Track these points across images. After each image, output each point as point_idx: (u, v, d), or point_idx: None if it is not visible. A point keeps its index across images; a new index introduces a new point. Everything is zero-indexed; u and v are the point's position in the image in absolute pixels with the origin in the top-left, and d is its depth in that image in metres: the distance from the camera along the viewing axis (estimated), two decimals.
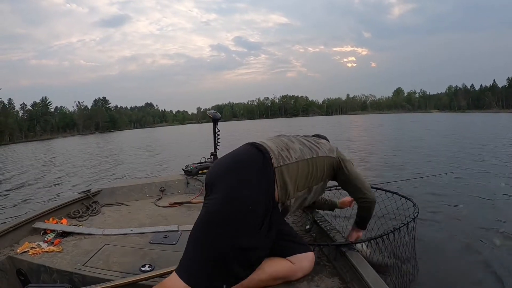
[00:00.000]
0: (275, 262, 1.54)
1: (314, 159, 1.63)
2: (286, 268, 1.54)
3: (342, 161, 1.76)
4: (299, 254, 1.58)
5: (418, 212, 2.07)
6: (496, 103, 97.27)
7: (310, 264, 1.60)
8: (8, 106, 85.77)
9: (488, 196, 4.73)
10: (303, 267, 1.58)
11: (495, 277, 2.52)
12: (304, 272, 1.58)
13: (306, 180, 1.59)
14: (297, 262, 1.56)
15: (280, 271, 1.53)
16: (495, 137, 14.01)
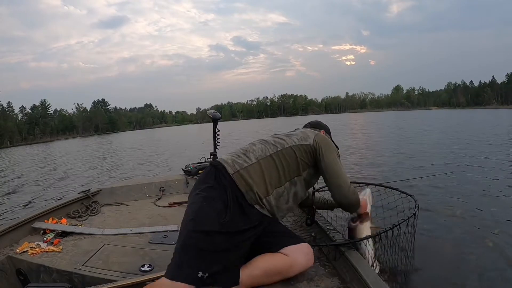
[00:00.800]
0: (267, 256, 1.50)
1: (280, 151, 1.64)
2: (280, 260, 1.49)
3: (318, 148, 1.70)
4: (291, 245, 1.54)
5: (418, 207, 2.04)
6: (495, 99, 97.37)
7: (305, 256, 1.54)
8: (7, 109, 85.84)
9: (488, 196, 4.74)
10: (297, 259, 1.51)
11: (495, 276, 2.52)
12: (300, 265, 1.52)
13: (279, 174, 1.60)
14: (290, 254, 1.51)
15: (274, 265, 1.48)
16: (495, 134, 14.01)
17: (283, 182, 1.61)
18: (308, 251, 1.57)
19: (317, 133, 1.79)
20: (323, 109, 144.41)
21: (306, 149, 1.69)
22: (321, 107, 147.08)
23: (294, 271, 1.51)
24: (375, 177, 6.46)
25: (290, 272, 1.51)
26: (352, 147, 12.50)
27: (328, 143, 1.76)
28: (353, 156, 10.06)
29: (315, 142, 1.71)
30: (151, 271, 1.70)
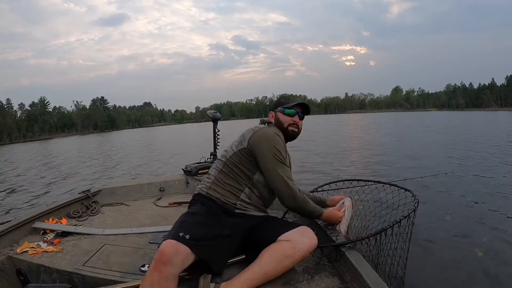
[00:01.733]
0: (270, 247, 1.52)
1: (226, 163, 1.77)
2: (283, 245, 1.51)
3: (252, 149, 1.71)
4: (289, 231, 1.56)
5: (418, 202, 1.99)
6: (494, 101, 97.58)
7: (306, 237, 1.55)
8: (6, 106, 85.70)
9: (488, 196, 4.76)
10: (299, 240, 1.52)
11: (494, 275, 2.54)
12: (303, 244, 1.52)
13: (235, 182, 1.74)
14: (291, 238, 1.53)
15: (279, 251, 1.50)
16: (494, 136, 14.04)
17: (242, 187, 1.74)
18: (308, 232, 1.58)
19: (256, 131, 1.76)
20: (322, 109, 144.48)
21: (244, 153, 1.73)
22: (321, 107, 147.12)
23: (300, 253, 1.52)
24: (374, 176, 6.48)
25: (297, 254, 1.51)
26: (352, 147, 12.55)
27: (262, 141, 1.71)
28: (354, 156, 10.09)
29: (249, 143, 1.72)
30: None
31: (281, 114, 1.89)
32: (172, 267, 1.34)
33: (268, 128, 1.81)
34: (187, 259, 1.39)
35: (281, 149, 1.71)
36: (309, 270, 1.67)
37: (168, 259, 1.33)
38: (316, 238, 1.58)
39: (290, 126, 1.86)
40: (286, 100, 1.93)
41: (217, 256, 1.52)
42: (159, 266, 1.33)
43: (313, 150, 11.90)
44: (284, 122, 1.86)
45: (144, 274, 1.65)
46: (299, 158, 9.61)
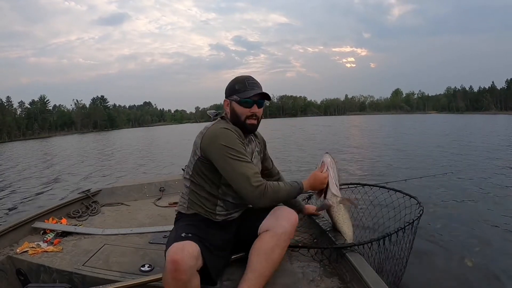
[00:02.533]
0: (253, 247, 1.49)
1: (191, 180, 1.67)
2: (264, 239, 1.47)
3: (206, 154, 1.55)
4: (265, 219, 1.53)
5: (422, 210, 1.98)
6: (494, 104, 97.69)
7: (282, 218, 1.50)
8: (6, 104, 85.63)
9: (488, 196, 4.78)
10: (278, 225, 1.48)
11: (495, 277, 2.55)
12: (284, 227, 1.48)
13: (207, 195, 1.62)
14: (269, 226, 1.49)
15: (262, 248, 1.46)
16: (493, 139, 14.05)
17: (216, 200, 1.62)
18: (282, 212, 1.54)
19: (204, 134, 1.57)
20: (322, 111, 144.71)
21: (201, 162, 1.59)
22: (320, 109, 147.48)
23: (283, 237, 1.48)
24: (375, 177, 6.49)
25: (281, 241, 1.47)
26: (353, 147, 12.56)
27: (211, 143, 1.53)
28: (354, 156, 10.09)
29: (201, 150, 1.56)
30: (151, 271, 1.69)
31: (236, 104, 1.61)
32: (189, 271, 1.25)
33: (215, 126, 1.59)
34: (198, 257, 1.31)
35: (233, 144, 1.50)
36: (309, 270, 1.68)
37: (182, 267, 1.23)
38: (294, 213, 1.54)
39: (248, 119, 1.61)
40: (242, 86, 1.61)
41: (215, 261, 1.45)
42: (176, 276, 1.24)
43: (314, 151, 11.91)
44: (241, 115, 1.61)
45: (144, 274, 1.66)
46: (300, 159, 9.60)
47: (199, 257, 1.31)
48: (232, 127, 1.59)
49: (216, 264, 1.46)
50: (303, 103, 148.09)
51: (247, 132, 1.67)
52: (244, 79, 1.64)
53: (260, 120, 1.68)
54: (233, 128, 1.59)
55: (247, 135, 1.69)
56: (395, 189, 2.32)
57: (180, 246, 1.27)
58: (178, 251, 1.25)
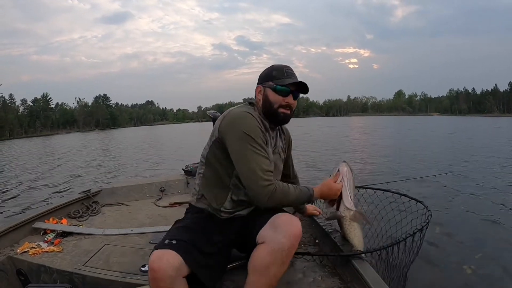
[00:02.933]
0: (250, 261, 1.34)
1: (205, 164, 1.55)
2: (260, 254, 1.30)
3: (223, 138, 1.44)
4: (263, 228, 1.34)
5: (431, 215, 1.89)
6: (497, 107, 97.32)
7: (280, 231, 1.29)
8: (9, 101, 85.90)
9: (487, 196, 4.78)
10: (274, 239, 1.28)
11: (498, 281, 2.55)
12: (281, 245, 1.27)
13: (219, 185, 1.52)
14: (266, 238, 1.31)
15: (258, 265, 1.30)
16: (495, 141, 14.02)
17: (228, 190, 1.51)
18: (283, 222, 1.31)
19: (225, 115, 1.48)
20: (324, 112, 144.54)
21: (217, 145, 1.48)
22: (323, 110, 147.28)
23: (281, 255, 1.28)
24: (375, 177, 6.49)
25: (278, 259, 1.28)
26: (354, 147, 12.54)
27: (229, 126, 1.43)
28: (355, 156, 10.08)
29: (219, 132, 1.45)
30: None
31: (271, 92, 1.50)
32: (168, 280, 1.20)
33: (238, 108, 1.50)
34: (180, 267, 1.24)
35: (253, 132, 1.39)
36: (310, 270, 1.67)
37: (161, 275, 1.19)
38: (297, 223, 1.32)
39: (281, 108, 1.50)
40: (280, 73, 1.51)
41: (207, 267, 1.35)
42: (155, 284, 1.21)
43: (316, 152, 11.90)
44: (274, 102, 1.49)
45: (144, 274, 1.66)
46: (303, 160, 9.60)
47: (182, 266, 1.24)
48: (257, 115, 1.50)
49: (207, 270, 1.34)
50: (306, 103, 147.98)
51: (278, 123, 1.57)
52: (282, 67, 1.54)
53: (293, 113, 1.56)
54: (258, 116, 1.50)
55: (275, 128, 1.61)
56: (400, 192, 2.25)
57: (159, 255, 1.23)
58: (156, 259, 1.22)
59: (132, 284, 1.60)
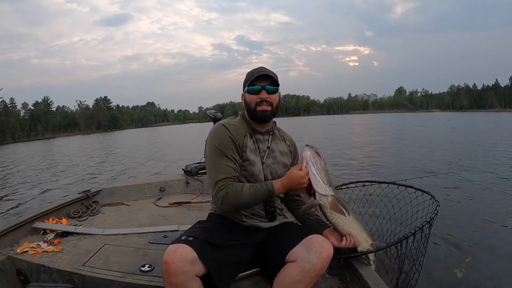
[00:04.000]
0: (278, 279, 1.34)
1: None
2: (289, 272, 1.31)
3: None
4: (295, 247, 1.35)
5: (439, 206, 1.80)
6: (498, 102, 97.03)
7: (314, 252, 1.29)
8: (10, 105, 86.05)
9: (487, 196, 4.75)
10: (307, 259, 1.29)
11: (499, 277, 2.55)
12: (313, 266, 1.28)
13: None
14: (297, 257, 1.31)
15: (290, 281, 1.30)
16: (498, 138, 13.98)
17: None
18: (316, 243, 1.32)
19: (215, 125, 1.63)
20: (325, 110, 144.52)
21: None
22: (323, 108, 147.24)
23: (310, 275, 1.29)
24: (375, 176, 6.47)
25: (306, 279, 1.29)
26: (355, 147, 12.52)
27: (207, 141, 1.58)
28: (356, 156, 10.06)
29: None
30: (151, 271, 1.69)
31: (247, 94, 1.58)
32: (181, 274, 1.22)
33: (223, 120, 1.66)
34: (194, 262, 1.26)
35: (218, 139, 1.50)
36: None
37: (174, 269, 1.21)
38: (330, 246, 1.34)
39: (258, 106, 1.55)
40: (250, 76, 1.58)
41: (221, 268, 1.36)
42: (167, 278, 1.23)
43: None
44: (251, 102, 1.56)
45: (144, 274, 1.66)
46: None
47: (196, 262, 1.26)
48: (236, 122, 1.60)
49: (221, 272, 1.35)
50: (306, 102, 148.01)
51: (260, 121, 1.60)
52: (253, 70, 1.61)
53: (275, 108, 1.60)
54: (236, 122, 1.59)
55: (266, 131, 1.65)
56: (405, 184, 2.19)
57: (173, 248, 1.26)
58: (170, 252, 1.24)
59: (132, 284, 1.60)
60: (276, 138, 1.68)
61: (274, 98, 1.58)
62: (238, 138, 1.54)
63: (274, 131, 1.69)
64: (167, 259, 1.23)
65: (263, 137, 1.63)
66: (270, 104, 1.57)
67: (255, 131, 1.61)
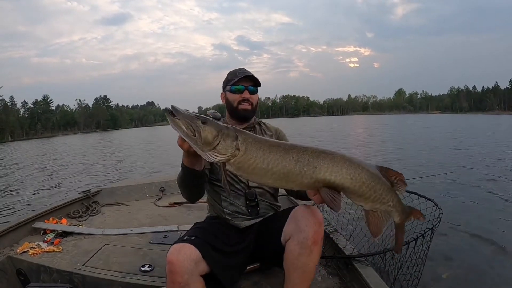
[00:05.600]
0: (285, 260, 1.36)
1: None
2: (290, 249, 1.33)
3: None
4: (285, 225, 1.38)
5: (441, 213, 1.82)
6: (498, 105, 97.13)
7: (302, 221, 1.32)
8: (10, 104, 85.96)
9: (488, 195, 4.77)
10: (299, 229, 1.31)
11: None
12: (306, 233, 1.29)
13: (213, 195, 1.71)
14: (290, 233, 1.34)
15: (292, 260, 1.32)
16: (497, 139, 14.00)
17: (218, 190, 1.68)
18: (300, 212, 1.35)
19: None
20: (325, 111, 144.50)
21: None
22: (323, 109, 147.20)
23: (309, 243, 1.29)
24: None
25: (306, 247, 1.29)
26: (356, 147, 12.53)
27: None
28: (357, 155, 10.08)
29: None
30: (151, 271, 1.70)
31: (229, 93, 1.66)
32: (185, 274, 1.23)
33: None
34: (198, 261, 1.27)
35: None
36: None
37: (178, 268, 1.22)
38: (316, 211, 1.35)
39: (240, 104, 1.63)
40: (233, 75, 1.66)
41: (224, 268, 1.38)
42: (171, 278, 1.23)
43: None
44: (233, 101, 1.64)
45: (144, 274, 1.66)
46: None
47: (199, 261, 1.28)
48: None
49: (224, 270, 1.37)
50: (306, 103, 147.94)
51: (241, 119, 1.68)
52: (235, 70, 1.69)
53: (255, 107, 1.68)
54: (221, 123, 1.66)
55: (242, 126, 1.65)
56: (409, 190, 2.13)
57: (177, 248, 1.27)
58: (174, 252, 1.25)
59: (132, 284, 1.60)
60: (257, 133, 1.71)
61: (254, 98, 1.67)
62: None
63: (255, 126, 1.74)
64: (171, 258, 1.23)
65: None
66: (250, 103, 1.65)
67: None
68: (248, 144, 1.07)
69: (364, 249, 1.84)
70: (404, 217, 1.16)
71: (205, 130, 1.07)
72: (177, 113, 1.11)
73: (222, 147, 1.06)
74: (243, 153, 1.07)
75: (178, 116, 1.11)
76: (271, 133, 1.75)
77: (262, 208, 1.61)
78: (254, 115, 1.72)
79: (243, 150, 1.07)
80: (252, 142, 1.08)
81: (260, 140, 1.10)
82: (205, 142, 1.06)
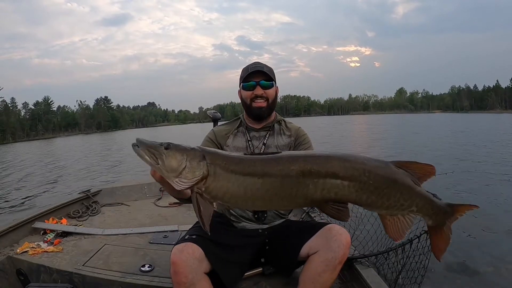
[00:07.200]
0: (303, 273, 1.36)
1: None
2: (314, 264, 1.32)
3: None
4: (310, 239, 1.38)
5: None
6: (499, 103, 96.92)
7: (334, 240, 1.31)
8: (11, 105, 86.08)
9: (488, 195, 4.75)
10: (328, 248, 1.30)
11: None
12: (335, 253, 1.29)
13: None
14: (318, 247, 1.34)
15: (313, 275, 1.32)
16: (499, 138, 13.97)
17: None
18: (333, 231, 1.34)
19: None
20: (325, 111, 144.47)
21: None
22: (324, 109, 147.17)
23: (335, 262, 1.29)
24: None
25: (331, 266, 1.29)
26: (356, 147, 12.52)
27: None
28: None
29: None
30: (151, 271, 1.70)
31: (242, 91, 1.58)
32: (190, 273, 1.22)
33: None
34: (201, 259, 1.27)
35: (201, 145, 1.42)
36: None
37: (182, 268, 1.21)
38: (346, 233, 1.35)
39: (253, 102, 1.54)
40: (244, 72, 1.57)
41: (225, 266, 1.37)
42: (176, 279, 1.23)
43: None
44: (246, 99, 1.56)
45: (144, 274, 1.66)
46: None
47: (203, 259, 1.28)
48: (227, 123, 1.66)
49: (225, 268, 1.36)
50: (307, 102, 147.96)
51: (256, 117, 1.58)
52: (248, 66, 1.58)
53: (271, 104, 1.56)
54: (226, 124, 1.65)
55: (263, 127, 1.61)
56: None
57: (179, 248, 1.27)
58: (177, 252, 1.25)
59: (132, 284, 1.60)
60: (275, 132, 1.62)
61: (269, 93, 1.55)
62: (219, 139, 1.59)
63: (273, 126, 1.63)
64: (175, 259, 1.23)
65: (258, 133, 1.61)
66: (265, 99, 1.54)
67: (250, 129, 1.61)
68: (217, 167, 0.99)
69: (364, 250, 1.84)
70: (442, 219, 1.02)
71: (168, 155, 1.01)
72: (140, 144, 1.07)
73: (188, 171, 0.99)
74: (212, 178, 0.99)
75: (140, 147, 1.06)
76: (289, 133, 1.63)
77: (269, 216, 1.57)
78: (271, 112, 1.60)
79: (212, 175, 0.99)
80: (221, 164, 1.00)
81: (232, 160, 1.02)
82: (170, 169, 1.00)
